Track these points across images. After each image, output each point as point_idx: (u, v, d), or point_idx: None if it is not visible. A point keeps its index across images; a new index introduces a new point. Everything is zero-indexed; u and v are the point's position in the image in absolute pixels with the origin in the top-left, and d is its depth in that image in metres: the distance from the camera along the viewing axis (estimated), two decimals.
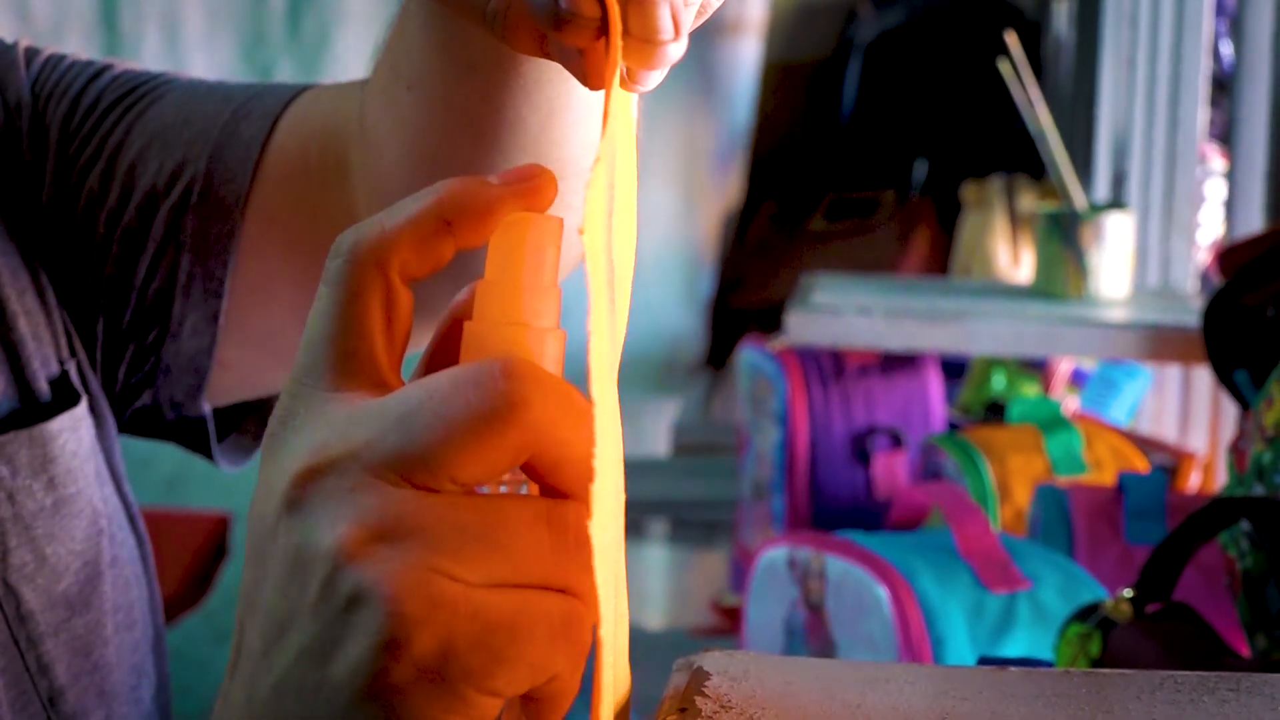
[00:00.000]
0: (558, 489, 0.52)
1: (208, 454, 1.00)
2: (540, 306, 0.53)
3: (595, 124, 0.81)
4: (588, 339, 0.51)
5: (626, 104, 0.61)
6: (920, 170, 4.48)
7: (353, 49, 3.70)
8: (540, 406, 0.50)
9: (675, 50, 0.59)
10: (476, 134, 0.80)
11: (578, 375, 0.51)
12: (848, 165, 4.63)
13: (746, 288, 4.47)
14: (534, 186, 0.55)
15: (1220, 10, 2.65)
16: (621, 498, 0.56)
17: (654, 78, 0.61)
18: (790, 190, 4.66)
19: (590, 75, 0.62)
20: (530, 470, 0.51)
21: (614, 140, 0.56)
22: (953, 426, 2.13)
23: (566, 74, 0.76)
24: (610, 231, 0.56)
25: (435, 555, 0.49)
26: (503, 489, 0.52)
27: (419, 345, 0.60)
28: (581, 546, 0.51)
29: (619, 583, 0.56)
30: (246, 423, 1.00)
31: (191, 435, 0.99)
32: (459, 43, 0.77)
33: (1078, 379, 2.38)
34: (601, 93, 0.62)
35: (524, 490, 0.53)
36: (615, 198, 0.58)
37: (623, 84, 0.60)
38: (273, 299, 0.93)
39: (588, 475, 0.50)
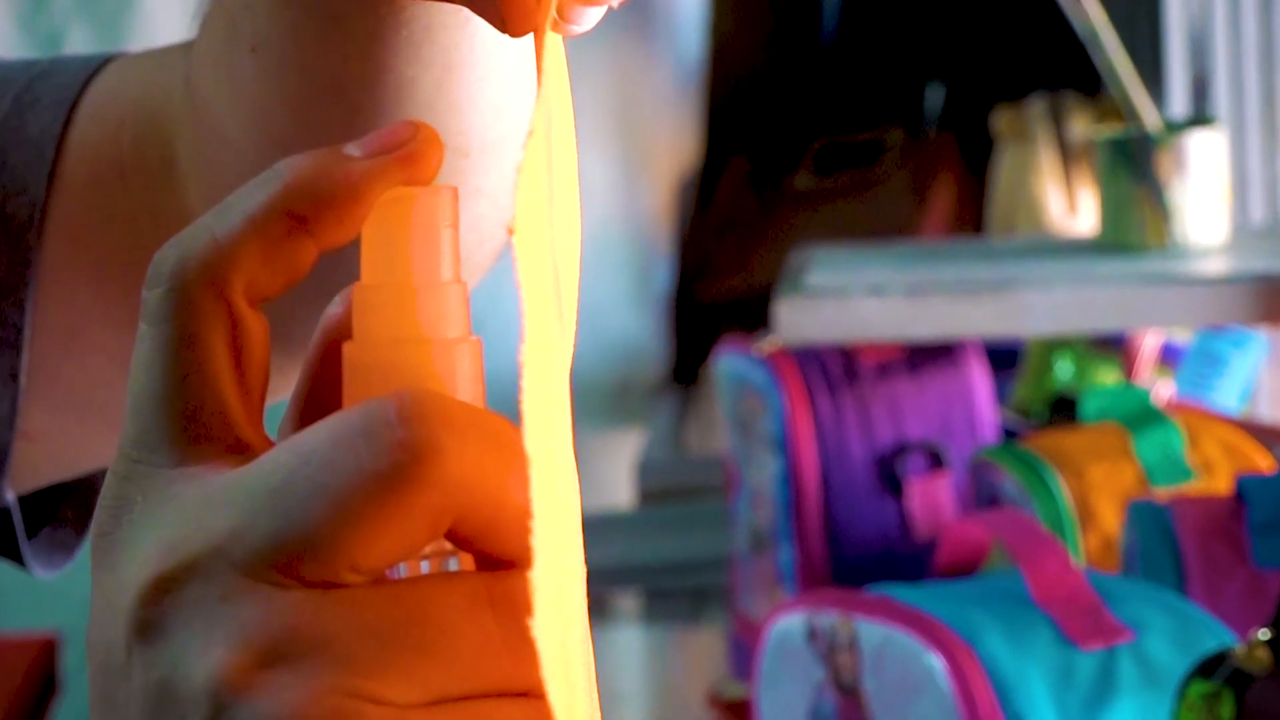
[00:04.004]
0: (496, 556, 0.51)
1: (17, 557, 0.99)
2: (441, 311, 0.51)
3: (503, 83, 0.81)
4: (519, 371, 0.48)
5: (559, 54, 0.60)
6: (934, 98, 4.50)
7: (163, 6, 3.70)
8: (457, 453, 0.49)
9: None
10: (349, 105, 0.79)
11: (510, 412, 0.50)
12: (836, 100, 4.64)
13: (717, 274, 4.48)
14: (411, 152, 0.54)
15: None
16: (581, 574, 0.55)
17: (591, 15, 0.60)
18: (764, 140, 4.67)
19: (510, 18, 0.61)
20: (457, 537, 0.50)
21: (549, 103, 0.55)
22: (1009, 434, 2.13)
23: (464, 19, 0.76)
24: (551, 226, 0.54)
25: (349, 674, 0.48)
26: (424, 566, 0.51)
27: (285, 388, 0.59)
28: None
29: (589, 685, 0.55)
30: (63, 510, 0.99)
31: None
32: None
33: (1169, 356, 2.39)
34: (515, 40, 0.62)
35: (453, 565, 0.51)
36: (554, 180, 0.56)
37: (552, 26, 0.59)
38: (88, 345, 0.93)
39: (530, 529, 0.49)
